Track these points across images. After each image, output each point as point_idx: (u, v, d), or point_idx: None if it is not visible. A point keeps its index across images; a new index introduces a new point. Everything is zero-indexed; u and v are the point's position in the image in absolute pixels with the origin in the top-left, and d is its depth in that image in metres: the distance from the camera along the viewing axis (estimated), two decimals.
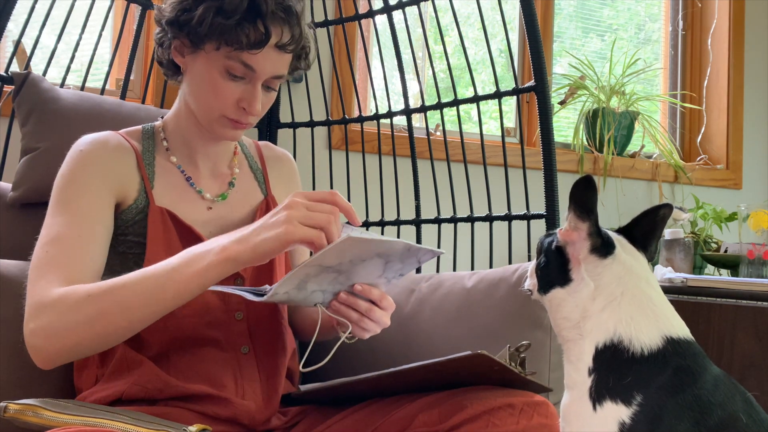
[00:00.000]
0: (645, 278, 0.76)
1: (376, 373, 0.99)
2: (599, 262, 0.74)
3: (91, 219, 1.05)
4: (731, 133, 2.85)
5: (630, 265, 0.76)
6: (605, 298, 0.72)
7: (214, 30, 1.02)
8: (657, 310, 0.74)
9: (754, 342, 1.67)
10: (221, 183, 1.19)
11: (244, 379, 1.08)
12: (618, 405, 0.67)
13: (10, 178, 1.41)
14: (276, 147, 1.33)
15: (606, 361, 0.70)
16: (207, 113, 1.10)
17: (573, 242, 0.75)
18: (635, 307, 0.72)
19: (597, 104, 2.67)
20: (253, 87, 1.07)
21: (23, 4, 1.53)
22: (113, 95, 1.66)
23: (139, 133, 1.18)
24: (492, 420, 0.93)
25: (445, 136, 1.75)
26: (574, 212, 0.75)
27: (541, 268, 0.80)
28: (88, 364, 1.09)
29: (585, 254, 0.74)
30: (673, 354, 0.70)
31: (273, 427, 1.11)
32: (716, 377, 0.70)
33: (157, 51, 1.14)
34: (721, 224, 2.48)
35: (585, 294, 0.73)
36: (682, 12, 2.97)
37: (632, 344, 0.70)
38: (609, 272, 0.74)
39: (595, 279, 0.73)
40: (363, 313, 0.99)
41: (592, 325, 0.72)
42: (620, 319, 0.71)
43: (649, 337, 0.70)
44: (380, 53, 1.91)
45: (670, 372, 0.68)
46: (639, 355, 0.69)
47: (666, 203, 0.80)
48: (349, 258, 0.91)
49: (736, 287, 1.76)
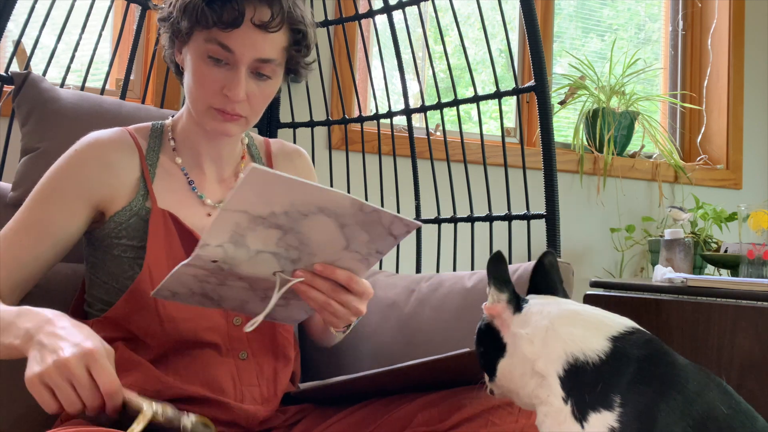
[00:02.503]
0: (564, 301, 0.79)
1: (375, 371, 0.99)
2: (520, 314, 0.77)
3: (46, 228, 1.06)
4: (731, 133, 2.85)
5: (544, 301, 0.79)
6: (540, 334, 0.74)
7: (188, 13, 1.02)
8: (587, 318, 0.75)
9: (754, 342, 1.66)
10: (225, 189, 1.17)
11: (243, 384, 1.08)
12: (601, 413, 0.67)
13: (10, 178, 1.41)
14: (288, 144, 1.29)
15: (574, 382, 0.70)
16: (196, 106, 1.08)
17: (499, 313, 0.77)
18: (568, 325, 0.74)
19: (597, 104, 2.67)
20: (237, 71, 1.03)
21: (23, 4, 1.54)
22: (113, 95, 1.66)
23: (148, 130, 1.17)
24: (491, 419, 0.94)
25: (445, 136, 1.75)
26: (494, 287, 0.77)
27: (482, 357, 0.80)
28: None
29: (509, 318, 0.77)
30: (628, 348, 0.71)
31: (272, 425, 1.11)
32: (685, 366, 0.71)
33: (165, 54, 1.14)
34: (721, 224, 2.48)
35: (523, 343, 0.75)
36: (682, 12, 2.97)
37: (587, 355, 0.71)
38: (532, 314, 0.76)
39: (523, 328, 0.76)
40: (328, 295, 0.90)
41: (544, 361, 0.73)
42: (563, 341, 0.72)
43: (597, 344, 0.71)
44: (380, 53, 1.91)
45: (634, 365, 0.69)
46: (598, 361, 0.70)
47: (547, 251, 0.83)
48: (281, 207, 0.82)
49: (736, 287, 1.76)
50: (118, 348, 1.05)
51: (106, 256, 1.09)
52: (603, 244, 2.64)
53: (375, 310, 1.41)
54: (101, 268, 1.10)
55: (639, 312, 1.86)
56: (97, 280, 1.12)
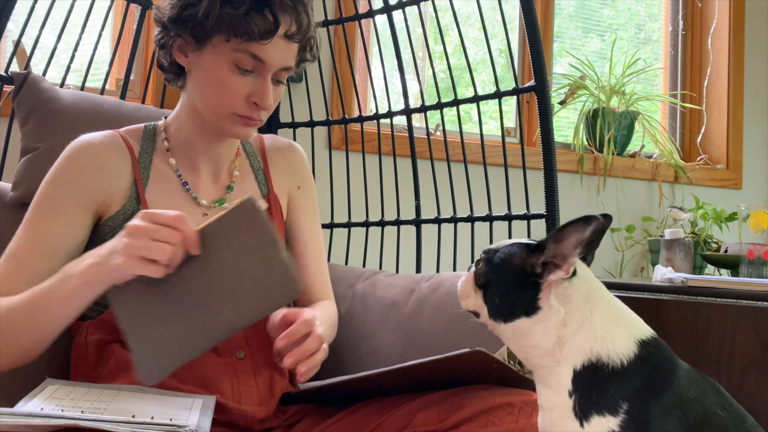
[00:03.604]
0: (603, 288, 0.75)
1: (375, 371, 0.99)
2: (567, 284, 0.72)
3: (54, 242, 1.04)
4: (731, 133, 2.85)
5: (590, 279, 0.75)
6: (578, 321, 0.71)
7: (223, 21, 1.00)
8: (624, 316, 0.73)
9: (754, 342, 1.66)
10: (220, 188, 1.16)
11: (241, 384, 1.08)
12: (605, 417, 0.67)
13: (10, 178, 1.41)
14: (281, 139, 1.30)
15: (586, 380, 0.69)
16: (217, 112, 1.07)
17: (563, 275, 0.72)
18: (606, 320, 0.71)
19: (597, 104, 2.67)
20: (264, 80, 1.04)
21: (23, 4, 1.53)
22: (113, 95, 1.66)
23: (141, 132, 1.16)
24: (491, 419, 0.93)
25: (445, 136, 1.75)
26: (578, 250, 0.71)
27: (499, 296, 0.75)
28: (84, 366, 1.08)
29: (560, 283, 0.72)
30: (647, 356, 0.70)
31: (271, 425, 1.11)
32: (687, 372, 0.70)
33: (158, 54, 1.11)
34: (721, 224, 2.48)
35: (555, 321, 0.71)
36: (682, 12, 2.97)
37: (611, 359, 0.69)
38: (576, 293, 0.72)
39: (563, 303, 0.72)
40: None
41: (568, 350, 0.70)
42: (595, 338, 0.70)
43: (625, 347, 0.70)
44: (380, 53, 1.91)
45: (647, 374, 0.68)
46: (619, 366, 0.69)
47: (606, 214, 0.76)
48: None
49: (736, 287, 1.76)
50: (114, 350, 1.06)
51: None
52: (603, 244, 2.61)
53: (375, 310, 1.41)
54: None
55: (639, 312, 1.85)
56: None
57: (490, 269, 0.76)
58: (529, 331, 0.73)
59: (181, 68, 1.10)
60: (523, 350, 0.75)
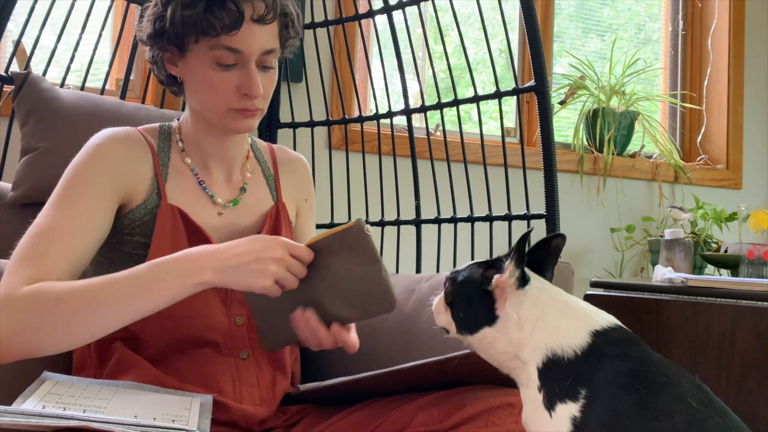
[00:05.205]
0: (558, 290, 0.82)
1: (375, 372, 0.99)
2: (520, 292, 0.79)
3: (86, 219, 1.02)
4: (731, 133, 2.85)
5: (543, 285, 0.81)
6: (531, 323, 0.78)
7: (187, 24, 1.01)
8: (578, 311, 0.79)
9: (754, 342, 1.66)
10: (233, 188, 1.17)
11: (242, 384, 1.08)
12: (567, 403, 0.72)
13: (10, 178, 1.41)
14: (290, 151, 1.31)
15: (548, 374, 0.75)
16: (214, 111, 1.08)
17: (505, 287, 0.80)
18: (557, 317, 0.77)
19: (597, 104, 2.67)
20: (248, 69, 1.05)
21: (23, 4, 1.54)
22: (113, 95, 1.66)
23: (157, 130, 1.17)
24: (491, 419, 0.94)
25: (445, 136, 1.75)
26: (515, 262, 0.78)
27: (463, 311, 0.83)
28: (86, 364, 1.09)
29: (512, 293, 0.79)
30: (604, 344, 0.75)
31: (272, 426, 1.11)
32: (659, 361, 0.74)
33: (154, 71, 1.13)
34: (721, 224, 2.48)
35: (512, 326, 0.78)
36: (682, 12, 2.97)
37: (564, 351, 0.75)
38: (528, 298, 0.79)
39: (516, 310, 0.78)
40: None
41: (528, 350, 0.77)
42: (548, 335, 0.76)
43: (577, 338, 0.75)
44: (380, 53, 1.91)
45: (606, 361, 0.73)
46: (573, 357, 0.74)
47: (560, 233, 0.84)
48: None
49: (736, 287, 1.76)
50: (117, 347, 1.06)
51: (115, 252, 1.09)
52: (603, 244, 2.64)
53: None
54: (107, 266, 1.10)
55: (639, 312, 1.86)
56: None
57: (455, 288, 0.84)
58: (493, 339, 0.80)
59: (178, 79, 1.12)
60: (494, 357, 0.82)
